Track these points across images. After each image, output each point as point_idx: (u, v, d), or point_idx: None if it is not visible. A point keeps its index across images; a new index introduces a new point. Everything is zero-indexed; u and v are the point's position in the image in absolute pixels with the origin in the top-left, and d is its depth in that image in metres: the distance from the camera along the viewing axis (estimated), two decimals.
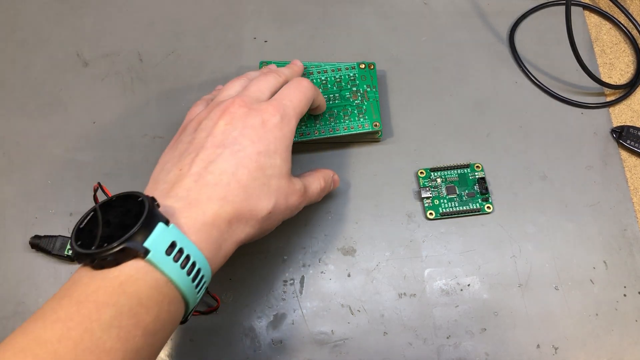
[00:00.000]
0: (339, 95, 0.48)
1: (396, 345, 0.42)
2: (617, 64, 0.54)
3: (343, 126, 0.47)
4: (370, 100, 0.48)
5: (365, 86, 0.49)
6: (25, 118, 0.50)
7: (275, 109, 0.36)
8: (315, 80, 0.49)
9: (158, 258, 0.28)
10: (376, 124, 0.47)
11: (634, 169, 0.49)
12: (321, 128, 0.47)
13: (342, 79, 0.49)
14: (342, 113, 0.48)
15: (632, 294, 0.44)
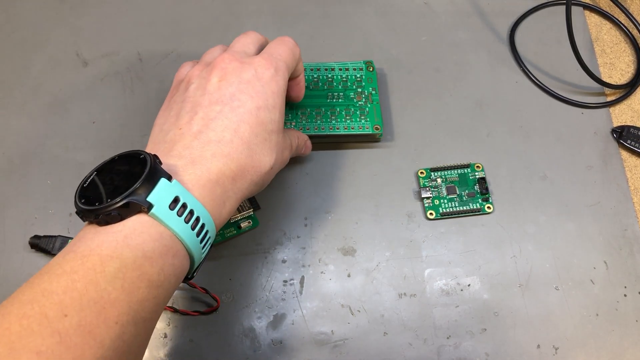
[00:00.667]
0: (343, 94, 0.48)
1: (396, 346, 0.42)
2: (617, 63, 0.54)
3: (344, 125, 0.47)
4: (374, 103, 0.48)
5: (371, 89, 0.49)
6: (25, 118, 0.50)
7: (268, 61, 0.36)
8: (322, 77, 0.49)
9: (161, 212, 0.29)
10: (377, 127, 0.47)
11: (634, 169, 0.49)
12: (321, 125, 0.47)
13: (349, 79, 0.49)
14: (345, 112, 0.48)
15: (632, 294, 0.44)
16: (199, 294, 0.43)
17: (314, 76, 0.49)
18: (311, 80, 0.49)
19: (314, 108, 0.48)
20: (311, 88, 0.47)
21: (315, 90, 0.47)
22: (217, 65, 0.36)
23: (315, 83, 0.47)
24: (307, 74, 0.50)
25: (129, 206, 0.28)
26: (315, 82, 0.49)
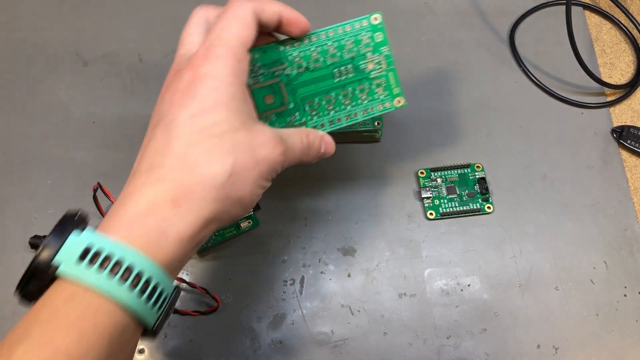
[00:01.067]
0: (351, 66, 0.38)
1: (396, 346, 0.42)
2: (617, 63, 0.54)
3: (362, 110, 0.38)
4: (390, 68, 0.39)
5: (382, 48, 0.38)
6: (25, 118, 0.50)
7: (203, 56, 0.30)
8: (322, 50, 0.38)
9: (70, 267, 0.25)
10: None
11: (634, 169, 0.49)
12: (337, 115, 0.38)
13: (355, 43, 0.38)
14: (359, 90, 0.38)
15: (632, 294, 0.44)
16: (199, 294, 0.43)
17: (311, 50, 0.38)
18: (310, 58, 0.38)
19: (322, 95, 0.38)
20: (312, 68, 0.36)
21: (318, 71, 0.36)
22: (164, 84, 0.32)
23: (316, 60, 0.36)
24: (303, 50, 0.38)
25: (36, 274, 0.25)
26: (315, 59, 0.38)
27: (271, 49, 0.35)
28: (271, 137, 0.31)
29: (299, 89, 0.36)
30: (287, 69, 0.36)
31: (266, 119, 0.35)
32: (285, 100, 0.36)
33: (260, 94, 0.35)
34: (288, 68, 0.36)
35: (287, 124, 0.36)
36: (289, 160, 0.33)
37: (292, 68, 0.36)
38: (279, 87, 0.36)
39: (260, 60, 0.35)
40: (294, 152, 0.33)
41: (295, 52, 0.36)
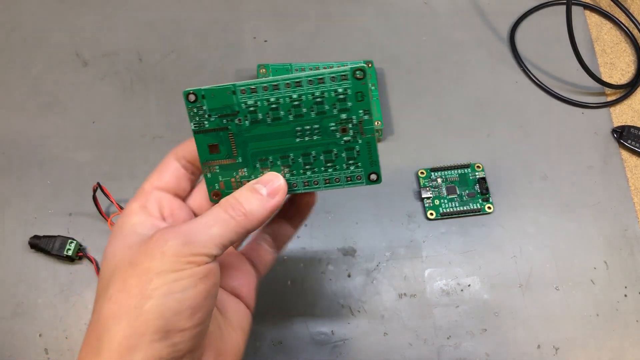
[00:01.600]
0: (319, 127, 0.38)
1: (396, 346, 0.42)
2: (617, 63, 0.54)
3: (324, 179, 0.35)
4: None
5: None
6: (25, 118, 0.50)
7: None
8: (284, 102, 0.35)
9: None
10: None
11: (634, 169, 0.49)
12: (292, 179, 0.36)
13: (327, 99, 0.39)
14: (325, 156, 0.36)
15: (632, 294, 0.44)
16: None
17: (270, 100, 0.38)
18: (268, 110, 0.37)
19: (278, 155, 0.35)
20: (269, 122, 0.31)
21: (276, 126, 0.31)
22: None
23: (275, 113, 0.31)
24: (260, 99, 0.34)
25: None
26: (274, 111, 0.36)
27: (221, 93, 0.30)
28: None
29: (251, 142, 0.31)
30: (239, 118, 0.30)
31: (209, 170, 0.31)
32: (233, 153, 0.31)
33: (203, 141, 0.30)
34: (240, 117, 0.30)
35: (234, 179, 0.31)
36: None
37: (245, 118, 0.30)
38: (227, 137, 0.30)
39: (208, 104, 0.30)
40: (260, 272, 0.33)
41: (250, 100, 0.30)
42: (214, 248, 0.26)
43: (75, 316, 0.43)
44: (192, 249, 0.26)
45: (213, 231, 0.27)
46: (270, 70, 0.50)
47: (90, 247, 0.45)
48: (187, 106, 0.30)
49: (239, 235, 0.27)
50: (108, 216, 0.44)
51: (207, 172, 0.31)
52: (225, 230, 0.27)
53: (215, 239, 0.26)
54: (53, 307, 0.43)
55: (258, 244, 0.34)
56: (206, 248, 0.26)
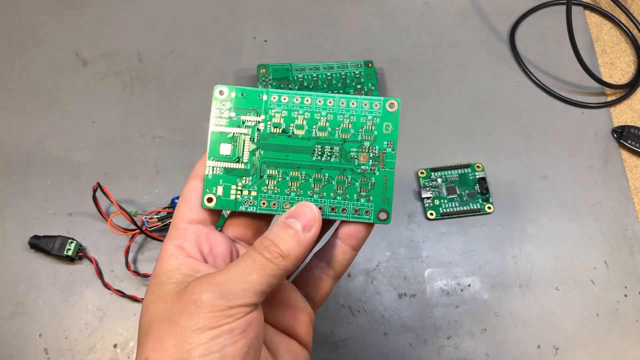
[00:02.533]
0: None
1: (396, 346, 0.42)
2: (618, 63, 0.54)
3: (330, 206, 0.34)
4: (387, 169, 0.44)
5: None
6: (25, 118, 0.50)
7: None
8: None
9: None
10: (384, 214, 0.46)
11: (634, 169, 0.49)
12: (296, 199, 0.35)
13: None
14: (337, 182, 0.41)
15: (632, 294, 0.44)
16: None
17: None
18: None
19: (290, 170, 0.36)
20: (290, 133, 0.30)
21: (296, 139, 0.30)
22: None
23: (299, 126, 0.30)
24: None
25: None
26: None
27: (251, 94, 0.30)
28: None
29: (265, 151, 0.30)
30: (261, 124, 0.30)
31: (212, 170, 0.30)
32: (243, 158, 0.30)
33: (217, 139, 0.30)
34: (262, 123, 0.30)
35: (234, 186, 0.30)
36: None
37: (268, 125, 0.30)
38: (243, 140, 0.30)
39: (235, 102, 0.30)
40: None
41: (279, 107, 0.30)
42: (252, 297, 0.24)
43: (75, 316, 0.43)
44: (229, 301, 0.24)
45: (251, 278, 0.25)
46: (270, 70, 0.50)
47: (90, 247, 0.45)
48: (214, 100, 0.30)
49: (278, 279, 0.26)
50: (108, 216, 0.44)
51: (210, 172, 0.30)
52: (263, 275, 0.25)
53: (254, 286, 0.25)
54: (53, 307, 0.43)
55: (312, 273, 0.30)
56: (244, 298, 0.24)
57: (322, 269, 0.30)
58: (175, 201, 0.44)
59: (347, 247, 0.30)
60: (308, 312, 0.29)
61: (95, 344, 0.42)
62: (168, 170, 0.48)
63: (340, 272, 0.30)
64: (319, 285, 0.30)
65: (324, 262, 0.30)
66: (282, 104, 0.30)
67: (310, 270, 0.30)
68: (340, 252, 0.30)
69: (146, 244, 0.45)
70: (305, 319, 0.29)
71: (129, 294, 0.43)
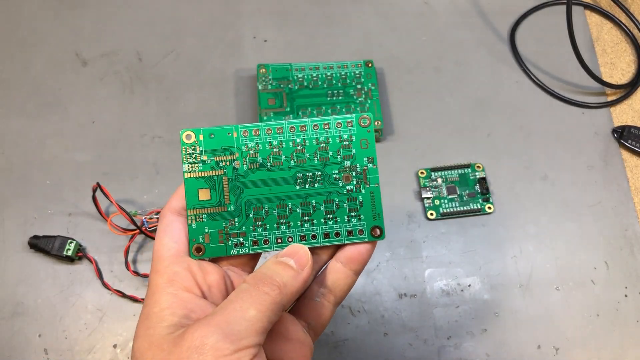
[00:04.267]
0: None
1: (396, 346, 0.42)
2: (618, 63, 0.54)
3: (323, 232, 0.33)
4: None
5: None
6: (24, 118, 0.50)
7: None
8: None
9: None
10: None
11: (635, 169, 0.49)
12: (288, 233, 0.34)
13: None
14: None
15: (633, 295, 0.44)
16: None
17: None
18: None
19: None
20: (268, 167, 0.29)
21: (276, 171, 0.29)
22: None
23: (276, 157, 0.29)
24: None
25: None
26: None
27: (221, 134, 0.29)
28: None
29: (247, 189, 0.29)
30: (237, 162, 0.29)
31: (194, 219, 0.29)
32: (225, 200, 0.29)
33: (194, 185, 0.29)
34: (238, 160, 0.29)
35: (221, 230, 0.29)
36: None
37: (244, 162, 0.29)
38: (221, 181, 0.29)
39: (204, 144, 0.29)
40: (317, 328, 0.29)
41: (251, 142, 0.29)
42: (255, 336, 0.23)
43: (74, 316, 0.43)
44: (233, 343, 0.22)
45: (250, 315, 0.23)
46: (270, 70, 0.50)
47: (89, 247, 0.45)
48: (182, 146, 0.29)
49: (276, 314, 0.25)
50: (107, 216, 0.44)
51: (193, 221, 0.29)
52: (261, 311, 0.24)
53: (255, 324, 0.23)
54: (52, 307, 0.43)
55: (313, 300, 0.29)
56: (248, 338, 0.23)
57: (323, 295, 0.29)
58: None
59: (349, 272, 0.29)
60: (309, 345, 0.28)
61: (95, 344, 0.42)
62: (168, 170, 0.48)
63: (342, 297, 0.30)
64: (320, 312, 0.29)
65: (324, 288, 0.29)
66: (254, 138, 0.29)
67: (311, 299, 0.29)
68: (342, 277, 0.29)
69: (146, 244, 0.45)
70: (307, 353, 0.28)
71: (128, 294, 0.43)
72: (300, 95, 0.49)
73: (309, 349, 0.28)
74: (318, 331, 0.29)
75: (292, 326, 0.28)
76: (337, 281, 0.29)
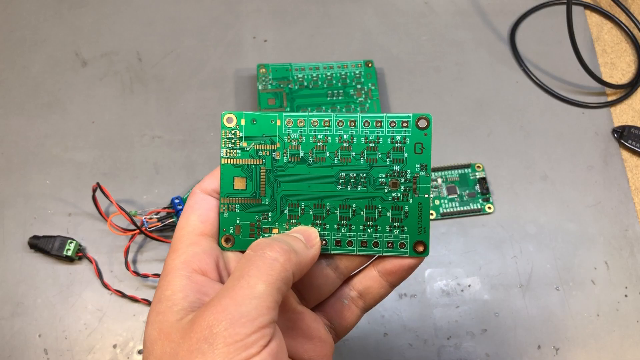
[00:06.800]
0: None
1: (396, 346, 0.42)
2: (618, 63, 0.54)
3: (360, 240, 0.33)
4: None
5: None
6: (24, 118, 0.50)
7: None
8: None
9: None
10: (421, 246, 0.47)
11: (635, 169, 0.49)
12: (322, 235, 0.37)
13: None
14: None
15: (633, 295, 0.44)
16: None
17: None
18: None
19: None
20: (310, 162, 0.27)
21: (318, 167, 0.27)
22: None
23: (320, 152, 0.27)
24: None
25: None
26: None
27: (264, 120, 0.27)
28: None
29: (284, 183, 0.27)
30: (277, 152, 0.27)
31: (227, 208, 0.27)
32: (261, 192, 0.27)
33: (229, 173, 0.27)
34: (278, 151, 0.27)
35: (253, 224, 0.27)
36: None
37: (285, 153, 0.27)
38: (259, 172, 0.27)
39: (245, 130, 0.27)
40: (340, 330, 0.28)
41: (294, 132, 0.27)
42: (267, 313, 0.22)
43: (74, 316, 0.43)
44: (244, 327, 0.21)
45: (259, 291, 0.22)
46: (270, 70, 0.50)
47: (89, 247, 0.45)
48: (223, 129, 0.27)
49: (287, 284, 0.23)
50: (107, 216, 0.44)
51: (225, 210, 0.27)
52: (271, 282, 0.22)
53: (265, 300, 0.22)
54: (52, 307, 0.43)
55: (341, 302, 0.28)
56: (259, 318, 0.21)
57: (353, 299, 0.28)
58: (175, 201, 0.44)
59: (385, 283, 0.28)
60: (330, 344, 0.27)
61: (95, 344, 0.42)
62: (167, 170, 0.48)
63: (371, 305, 0.28)
64: (345, 315, 0.28)
65: (355, 292, 0.28)
66: (298, 129, 0.27)
67: (338, 299, 0.28)
68: (377, 285, 0.28)
69: (146, 244, 0.45)
70: (328, 352, 0.26)
71: (128, 294, 0.43)
72: (300, 95, 0.49)
73: (330, 348, 0.27)
74: (340, 334, 0.28)
75: (315, 324, 0.27)
76: (369, 288, 0.28)
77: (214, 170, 0.28)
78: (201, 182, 0.28)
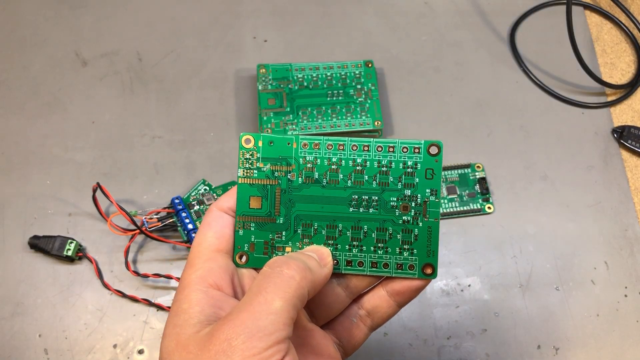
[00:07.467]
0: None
1: (396, 346, 0.42)
2: (618, 63, 0.54)
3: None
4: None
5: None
6: (24, 118, 0.50)
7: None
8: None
9: None
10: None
11: (635, 169, 0.49)
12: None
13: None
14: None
15: (633, 295, 0.44)
16: None
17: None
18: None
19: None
20: (324, 184, 0.28)
21: (331, 190, 0.28)
22: None
23: (334, 175, 0.28)
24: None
25: None
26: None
27: (280, 142, 0.28)
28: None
29: (299, 203, 0.28)
30: (292, 173, 0.28)
31: (242, 226, 0.28)
32: (275, 211, 0.28)
33: (245, 192, 0.28)
34: (294, 172, 0.28)
35: (267, 242, 0.28)
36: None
37: (300, 175, 0.28)
38: (274, 192, 0.28)
39: (262, 151, 0.28)
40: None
41: (310, 155, 0.28)
42: (283, 329, 0.22)
43: (74, 316, 0.43)
44: (261, 341, 0.22)
45: (275, 307, 0.23)
46: (270, 70, 0.50)
47: (89, 247, 0.45)
48: (241, 149, 0.28)
49: (302, 301, 0.24)
50: (108, 216, 0.44)
51: (240, 228, 0.28)
52: (287, 299, 0.23)
53: (281, 316, 0.22)
54: (53, 307, 0.43)
55: (350, 320, 0.29)
56: (276, 333, 0.22)
57: (361, 318, 0.29)
58: (175, 201, 0.44)
59: (393, 302, 0.28)
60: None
61: (95, 344, 0.42)
62: (168, 170, 0.48)
63: (379, 324, 0.29)
64: (353, 333, 0.28)
65: (364, 311, 0.29)
66: (314, 151, 0.28)
67: (347, 317, 0.29)
68: (385, 305, 0.28)
69: (146, 244, 0.45)
70: None
71: (128, 294, 0.43)
72: (300, 95, 0.49)
73: None
74: (348, 351, 0.29)
75: (324, 341, 0.27)
76: (378, 307, 0.28)
77: (231, 189, 0.28)
78: (218, 200, 0.28)
